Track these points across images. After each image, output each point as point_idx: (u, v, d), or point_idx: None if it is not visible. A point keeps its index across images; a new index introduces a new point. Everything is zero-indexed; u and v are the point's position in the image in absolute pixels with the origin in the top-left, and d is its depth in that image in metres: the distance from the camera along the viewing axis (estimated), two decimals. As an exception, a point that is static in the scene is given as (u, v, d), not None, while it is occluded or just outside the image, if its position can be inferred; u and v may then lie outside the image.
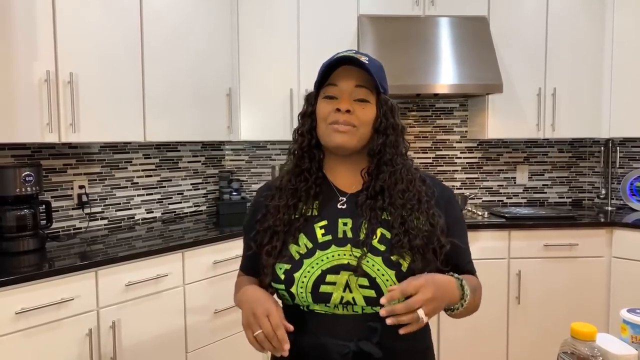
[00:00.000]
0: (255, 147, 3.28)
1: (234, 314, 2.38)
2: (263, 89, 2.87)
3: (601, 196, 3.27)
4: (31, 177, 2.03)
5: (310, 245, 0.98)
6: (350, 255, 0.95)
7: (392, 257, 0.94)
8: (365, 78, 1.00)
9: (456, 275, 0.99)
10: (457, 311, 0.98)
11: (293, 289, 0.96)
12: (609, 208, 3.16)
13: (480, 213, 2.90)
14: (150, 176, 2.85)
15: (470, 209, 3.02)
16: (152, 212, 2.86)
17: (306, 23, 2.87)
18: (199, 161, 3.11)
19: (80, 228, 2.51)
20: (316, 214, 1.02)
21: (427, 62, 2.81)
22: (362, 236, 0.96)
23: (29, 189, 2.03)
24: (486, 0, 2.94)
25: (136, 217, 2.77)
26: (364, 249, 0.95)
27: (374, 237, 0.96)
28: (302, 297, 0.96)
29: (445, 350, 2.65)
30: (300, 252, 0.98)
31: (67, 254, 2.05)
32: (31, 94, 1.96)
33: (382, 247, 0.96)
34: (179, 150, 2.99)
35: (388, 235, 0.97)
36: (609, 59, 2.96)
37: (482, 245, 2.67)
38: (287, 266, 0.97)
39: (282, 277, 0.97)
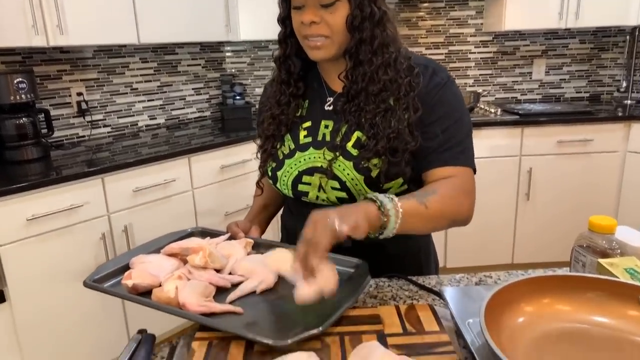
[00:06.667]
0: (256, 48, 3.11)
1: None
2: (262, -19, 2.63)
3: (621, 89, 3.12)
4: (24, 84, 1.95)
5: (292, 146, 1.00)
6: (323, 158, 0.95)
7: (362, 162, 0.91)
8: None
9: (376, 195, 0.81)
10: (396, 225, 0.79)
11: (278, 185, 1.03)
12: (628, 102, 3.03)
13: (492, 110, 2.80)
14: (150, 81, 2.74)
15: (482, 106, 2.91)
16: (155, 118, 2.80)
17: None
18: (199, 64, 2.97)
19: (84, 136, 2.47)
20: (304, 114, 1.02)
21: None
22: (338, 140, 0.94)
23: (23, 96, 1.96)
24: None
25: (139, 124, 2.72)
26: (335, 153, 0.93)
27: (349, 141, 0.93)
28: (286, 192, 1.02)
29: (452, 245, 2.72)
30: (284, 152, 1.01)
31: (73, 162, 2.03)
32: (10, -8, 1.81)
33: (355, 152, 0.92)
34: (177, 53, 2.84)
35: (364, 139, 0.92)
36: None
37: (493, 143, 2.61)
38: (274, 164, 1.02)
39: (270, 174, 1.03)
